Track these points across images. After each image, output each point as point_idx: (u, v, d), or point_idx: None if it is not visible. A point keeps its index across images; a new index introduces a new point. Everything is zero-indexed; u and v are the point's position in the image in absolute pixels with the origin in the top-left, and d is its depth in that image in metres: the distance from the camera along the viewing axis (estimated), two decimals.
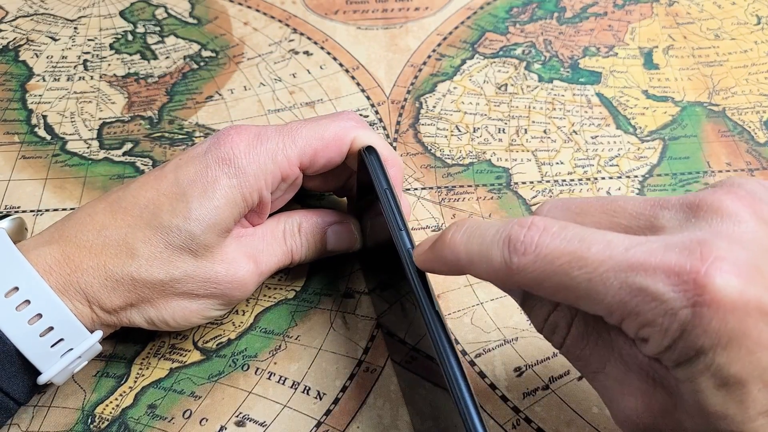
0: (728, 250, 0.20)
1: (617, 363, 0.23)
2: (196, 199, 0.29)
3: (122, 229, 0.30)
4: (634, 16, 0.51)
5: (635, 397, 0.23)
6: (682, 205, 0.22)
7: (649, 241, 0.21)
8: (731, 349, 0.19)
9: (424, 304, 0.26)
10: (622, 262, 0.20)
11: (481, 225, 0.24)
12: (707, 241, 0.20)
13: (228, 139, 0.31)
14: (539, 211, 0.25)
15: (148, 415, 0.33)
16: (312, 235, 0.34)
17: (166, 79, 0.47)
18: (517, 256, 0.22)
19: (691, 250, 0.20)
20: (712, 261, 0.19)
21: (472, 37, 0.50)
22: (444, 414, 0.26)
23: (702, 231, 0.21)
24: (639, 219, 0.23)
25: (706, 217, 0.21)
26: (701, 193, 0.22)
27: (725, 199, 0.22)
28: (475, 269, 0.24)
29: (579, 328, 0.24)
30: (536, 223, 0.22)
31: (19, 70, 0.48)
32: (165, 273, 0.30)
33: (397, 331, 0.32)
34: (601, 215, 0.24)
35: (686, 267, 0.20)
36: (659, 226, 0.22)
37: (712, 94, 0.46)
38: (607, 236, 0.21)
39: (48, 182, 0.42)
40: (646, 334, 0.21)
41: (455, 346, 0.25)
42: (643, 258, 0.20)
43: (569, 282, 0.21)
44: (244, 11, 0.52)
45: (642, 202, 0.23)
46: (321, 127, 0.32)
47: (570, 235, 0.22)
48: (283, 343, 0.35)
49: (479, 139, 0.44)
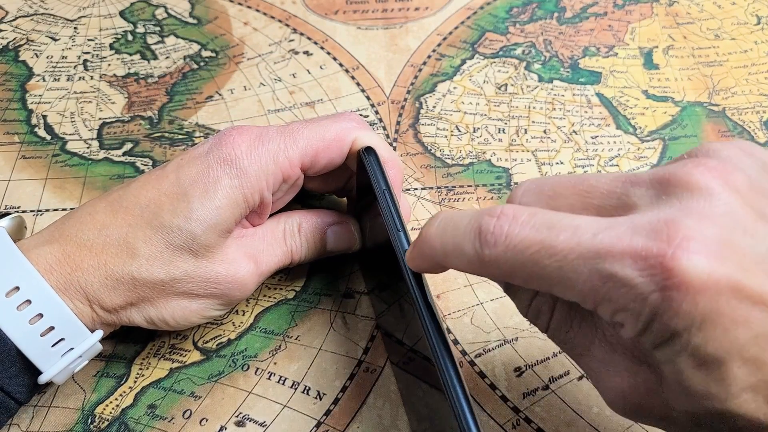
0: (696, 228, 0.19)
1: (602, 344, 0.23)
2: (198, 199, 0.30)
3: (123, 228, 0.30)
4: (634, 16, 0.51)
5: (621, 377, 0.22)
6: (652, 181, 0.22)
7: (618, 224, 0.20)
8: (706, 330, 0.19)
9: (421, 305, 0.26)
10: (590, 248, 0.20)
11: (455, 217, 0.24)
12: (675, 220, 0.20)
13: (230, 139, 0.31)
14: (513, 195, 0.25)
15: (148, 415, 0.33)
16: (312, 235, 0.34)
17: (166, 79, 0.47)
18: (488, 247, 0.22)
19: (658, 232, 0.20)
20: (679, 242, 0.19)
21: (472, 37, 0.50)
22: (440, 416, 0.26)
23: (672, 209, 0.20)
24: (611, 197, 0.22)
25: (676, 193, 0.21)
26: (672, 167, 0.22)
27: (695, 173, 0.21)
28: (451, 262, 0.24)
29: (562, 313, 0.24)
30: (505, 212, 0.22)
31: (19, 70, 0.48)
32: (165, 273, 0.30)
33: (395, 332, 0.32)
34: (574, 197, 0.23)
35: (653, 250, 0.19)
36: (631, 204, 0.22)
37: (712, 94, 0.46)
38: (576, 221, 0.21)
39: (48, 182, 0.42)
40: (620, 319, 0.21)
41: (452, 347, 0.25)
42: (611, 243, 0.20)
43: (540, 271, 0.21)
44: (244, 11, 0.52)
45: (613, 180, 0.23)
46: (322, 127, 0.32)
47: (539, 223, 0.21)
48: (283, 343, 0.35)
49: (479, 139, 0.44)
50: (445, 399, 0.24)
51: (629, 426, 0.32)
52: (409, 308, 0.27)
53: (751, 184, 0.21)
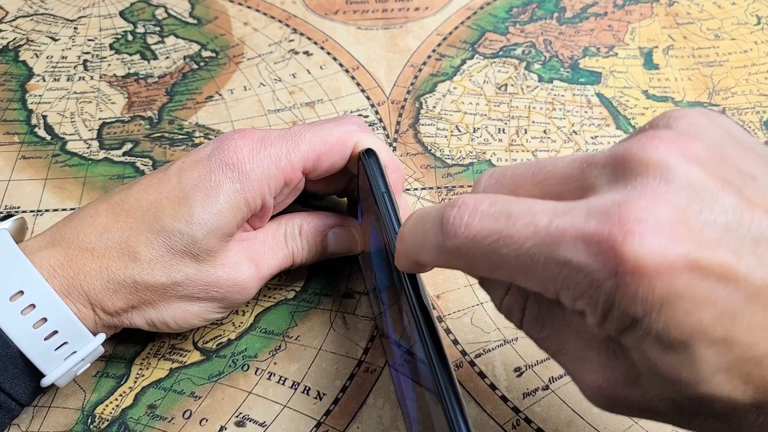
0: (649, 209, 0.19)
1: (575, 341, 0.23)
2: (199, 203, 0.29)
3: (124, 231, 0.30)
4: (634, 16, 0.51)
5: (597, 372, 0.22)
6: (608, 160, 0.21)
7: (573, 208, 0.20)
8: (667, 313, 0.18)
9: (416, 306, 0.26)
10: (545, 235, 0.20)
11: (424, 212, 0.24)
12: (626, 202, 0.19)
13: (232, 143, 0.31)
14: (476, 187, 0.24)
15: (148, 416, 0.33)
16: (313, 237, 0.34)
17: (166, 79, 0.47)
18: (449, 238, 0.22)
19: (609, 215, 0.19)
20: (631, 225, 0.18)
21: (472, 37, 0.50)
22: (433, 418, 0.26)
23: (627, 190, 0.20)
24: (570, 182, 0.22)
25: (632, 170, 0.20)
26: (627, 143, 0.21)
27: (649, 148, 0.20)
28: (423, 257, 0.24)
29: (533, 311, 0.24)
30: (466, 202, 0.22)
31: (19, 70, 0.48)
32: (167, 276, 0.30)
33: (391, 333, 0.32)
34: (534, 186, 0.23)
35: (604, 234, 0.19)
36: (589, 186, 0.21)
37: (712, 94, 0.46)
38: (534, 207, 0.21)
39: (48, 182, 0.42)
40: (581, 306, 0.20)
41: (445, 351, 0.25)
42: (564, 228, 0.19)
43: (500, 260, 0.21)
44: (244, 11, 0.52)
45: (570, 163, 0.22)
46: (324, 131, 0.32)
47: (498, 212, 0.21)
48: (283, 343, 0.35)
49: (479, 140, 0.44)
50: (438, 401, 0.24)
51: (629, 426, 0.32)
52: (406, 310, 0.27)
53: (711, 152, 0.20)
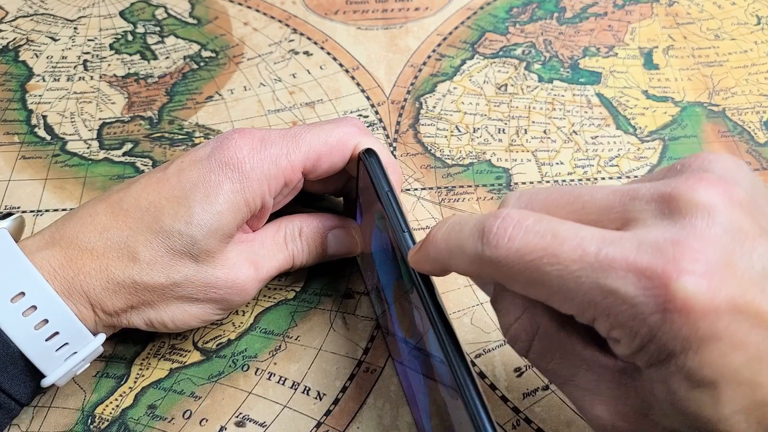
0: (701, 251, 0.19)
1: (587, 373, 0.23)
2: (199, 203, 0.29)
3: (124, 231, 0.30)
4: (634, 16, 0.51)
5: (606, 404, 0.22)
6: (654, 197, 0.21)
7: (623, 239, 0.20)
8: (703, 353, 0.19)
9: (430, 305, 0.26)
10: (594, 261, 0.20)
11: (462, 219, 0.24)
12: (680, 241, 0.20)
13: (231, 143, 0.31)
14: (503, 206, 0.24)
15: (148, 416, 0.33)
16: (313, 239, 0.34)
17: (166, 79, 0.47)
18: (490, 248, 0.22)
19: (663, 252, 0.19)
20: (685, 264, 0.19)
21: (472, 38, 0.50)
22: (450, 412, 0.26)
23: (676, 227, 0.20)
24: (610, 212, 0.22)
25: (680, 209, 0.21)
26: (674, 182, 0.21)
27: (698, 188, 0.21)
28: (454, 263, 0.24)
29: (543, 343, 0.23)
30: (511, 215, 0.22)
31: (19, 70, 0.48)
32: (166, 277, 0.30)
33: (397, 330, 0.32)
34: (569, 214, 0.23)
35: (657, 270, 0.19)
36: (632, 218, 0.21)
37: (712, 94, 0.46)
38: (582, 232, 0.21)
39: (48, 182, 0.42)
40: (617, 335, 0.20)
41: (463, 347, 0.25)
42: (615, 257, 0.20)
43: (541, 278, 0.21)
44: (244, 11, 0.52)
45: (611, 195, 0.22)
46: (325, 132, 0.32)
47: (543, 230, 0.21)
48: (283, 343, 0.35)
49: (479, 140, 0.44)
50: (455, 395, 0.24)
51: None
52: (412, 307, 0.27)
53: (749, 198, 0.21)
